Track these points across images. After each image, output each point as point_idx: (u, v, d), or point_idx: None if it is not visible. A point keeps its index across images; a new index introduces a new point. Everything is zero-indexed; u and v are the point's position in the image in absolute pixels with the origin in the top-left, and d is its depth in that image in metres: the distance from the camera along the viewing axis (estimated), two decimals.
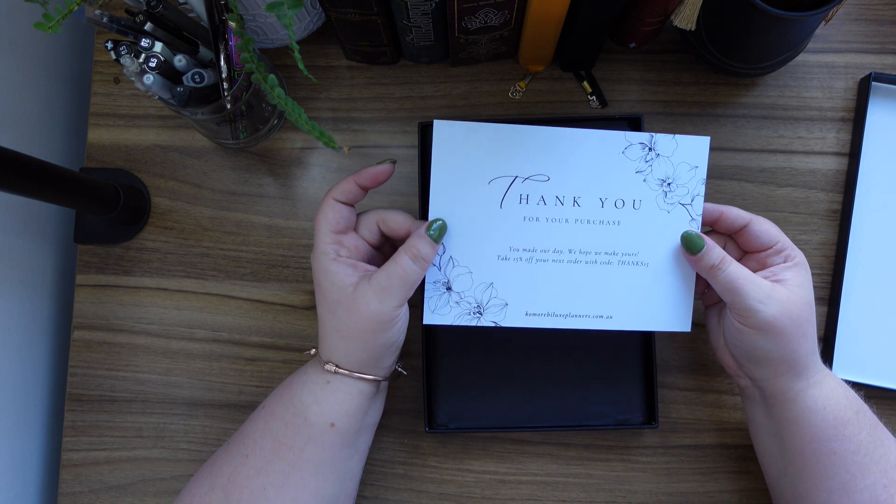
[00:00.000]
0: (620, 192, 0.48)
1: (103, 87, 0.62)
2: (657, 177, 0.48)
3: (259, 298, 0.60)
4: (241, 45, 0.47)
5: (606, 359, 0.56)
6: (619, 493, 0.57)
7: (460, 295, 0.48)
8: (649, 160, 0.48)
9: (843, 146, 0.60)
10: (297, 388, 0.48)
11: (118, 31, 0.48)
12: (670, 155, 0.48)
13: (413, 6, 0.49)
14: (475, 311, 0.48)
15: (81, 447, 0.59)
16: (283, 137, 0.61)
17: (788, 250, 0.47)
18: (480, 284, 0.48)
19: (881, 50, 0.60)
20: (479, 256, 0.48)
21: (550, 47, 0.57)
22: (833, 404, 0.46)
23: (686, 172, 0.49)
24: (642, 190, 0.48)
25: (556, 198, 0.48)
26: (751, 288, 0.45)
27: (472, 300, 0.48)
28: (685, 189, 0.49)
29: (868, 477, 0.45)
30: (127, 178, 0.61)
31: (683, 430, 0.58)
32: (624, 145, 0.48)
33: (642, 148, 0.48)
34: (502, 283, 0.48)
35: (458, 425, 0.56)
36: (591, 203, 0.48)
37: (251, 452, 0.47)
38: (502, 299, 0.48)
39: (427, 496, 0.58)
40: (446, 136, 0.47)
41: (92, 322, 0.60)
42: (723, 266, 0.46)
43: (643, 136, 0.48)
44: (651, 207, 0.49)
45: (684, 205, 0.49)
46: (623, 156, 0.48)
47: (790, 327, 0.45)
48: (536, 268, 0.48)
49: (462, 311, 0.48)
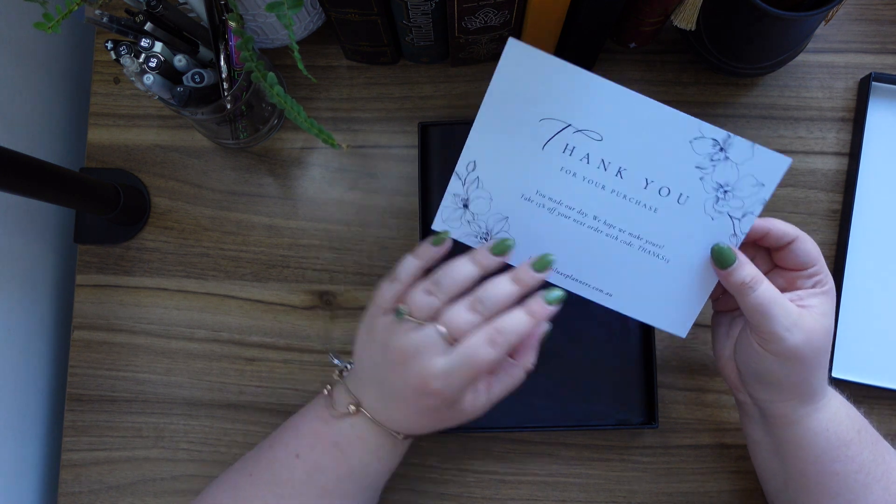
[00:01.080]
0: (671, 180, 0.45)
1: (103, 87, 0.62)
2: (716, 179, 0.44)
3: (259, 298, 0.60)
4: (241, 44, 0.48)
5: (607, 359, 0.56)
6: (619, 493, 0.57)
7: (474, 216, 0.46)
8: (715, 160, 0.44)
9: (843, 146, 0.60)
10: (354, 450, 0.46)
11: (118, 31, 0.48)
12: (741, 162, 0.44)
13: (413, 6, 0.49)
14: (483, 235, 0.47)
15: (81, 447, 0.59)
16: (283, 137, 0.61)
17: (821, 276, 0.45)
18: (496, 214, 0.46)
19: (881, 50, 0.60)
20: (504, 188, 0.46)
21: (550, 47, 0.57)
22: (836, 426, 0.45)
23: (749, 186, 0.44)
24: (694, 187, 0.45)
25: (602, 161, 0.45)
26: (779, 312, 0.42)
27: (483, 225, 0.47)
28: (740, 202, 0.45)
29: (871, 495, 0.44)
30: (127, 178, 0.61)
31: (683, 430, 0.58)
32: (695, 135, 0.44)
33: (713, 145, 0.44)
34: (517, 222, 0.46)
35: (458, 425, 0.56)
36: (635, 180, 0.45)
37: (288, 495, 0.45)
38: (511, 237, 0.46)
39: (427, 496, 0.58)
40: (515, 58, 0.43)
41: (92, 322, 0.60)
42: (754, 285, 0.43)
43: (720, 133, 0.44)
44: (696, 208, 0.45)
45: (733, 217, 0.45)
46: (689, 146, 0.44)
47: (810, 357, 0.43)
48: (555, 220, 0.46)
49: (470, 232, 0.47)
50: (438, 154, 0.57)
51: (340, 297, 0.59)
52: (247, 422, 0.59)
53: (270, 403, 0.59)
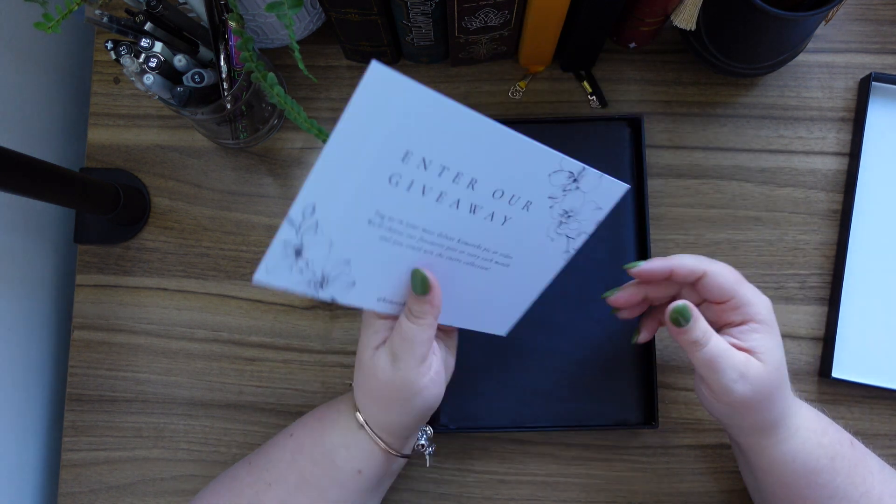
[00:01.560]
0: (519, 207, 0.44)
1: (103, 87, 0.62)
2: (563, 207, 0.45)
3: (259, 298, 0.60)
4: (241, 44, 0.48)
5: (607, 359, 0.56)
6: (619, 493, 0.57)
7: (308, 263, 0.42)
8: (567, 190, 0.44)
9: (843, 146, 0.60)
10: (328, 426, 0.47)
11: (118, 31, 0.48)
12: (588, 191, 0.44)
13: (413, 6, 0.49)
14: (317, 282, 0.42)
15: (81, 447, 0.59)
16: (283, 137, 0.61)
17: (745, 307, 0.44)
18: (336, 259, 0.42)
19: (881, 50, 0.60)
20: (348, 228, 0.41)
21: (550, 47, 0.57)
22: (804, 455, 0.45)
23: (590, 210, 0.45)
24: (542, 214, 0.44)
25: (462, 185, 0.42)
26: (726, 366, 0.42)
27: (319, 272, 0.42)
28: (578, 224, 0.46)
29: None
30: (127, 178, 0.61)
31: (683, 430, 0.58)
32: (554, 168, 0.43)
33: (568, 177, 0.44)
34: (359, 263, 0.43)
35: (458, 425, 0.56)
36: (484, 198, 0.43)
37: (275, 482, 0.46)
38: (352, 278, 0.43)
39: (427, 496, 0.58)
40: (377, 85, 0.36)
41: (92, 322, 0.60)
42: (704, 341, 0.43)
43: (575, 166, 0.43)
44: (541, 231, 0.45)
45: (569, 237, 0.46)
46: (547, 178, 0.43)
47: (760, 402, 0.43)
48: (397, 252, 0.43)
49: (302, 279, 0.42)
50: None
51: None
52: (247, 422, 0.59)
53: (270, 403, 0.59)
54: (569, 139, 0.58)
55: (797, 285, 0.58)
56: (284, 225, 0.41)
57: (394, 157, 0.39)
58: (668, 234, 0.59)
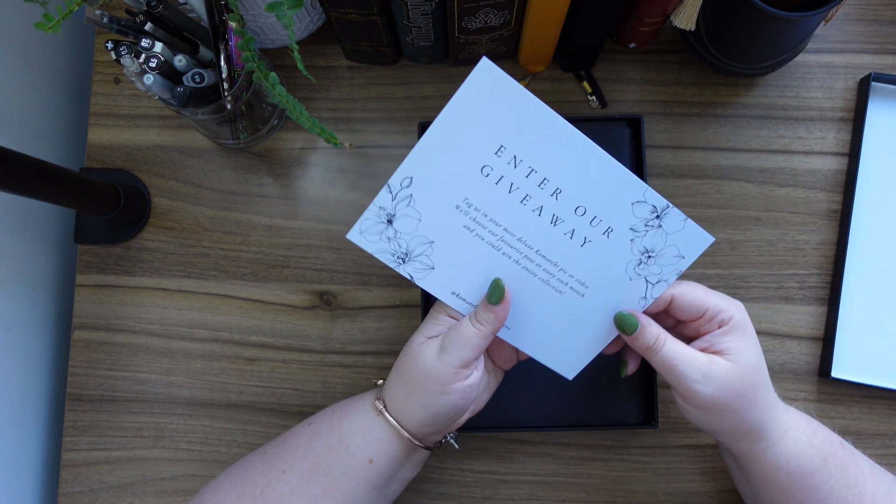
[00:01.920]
0: (604, 232, 0.45)
1: (103, 87, 0.62)
2: (644, 244, 0.45)
3: (259, 298, 0.60)
4: (242, 44, 0.48)
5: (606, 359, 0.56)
6: (619, 493, 0.57)
7: (396, 233, 0.45)
8: (649, 226, 0.45)
9: (842, 146, 0.60)
10: (349, 413, 0.47)
11: (118, 31, 0.48)
12: (671, 233, 0.45)
13: (413, 6, 0.49)
14: (400, 255, 0.45)
15: (81, 447, 0.59)
16: (283, 137, 0.61)
17: (720, 314, 0.44)
18: (421, 237, 0.45)
19: (881, 50, 0.60)
20: (437, 210, 0.44)
21: (550, 47, 0.57)
22: (797, 458, 0.44)
23: (671, 256, 0.45)
24: (623, 248, 0.45)
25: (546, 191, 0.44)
26: (686, 368, 0.43)
27: (404, 245, 0.45)
28: (659, 269, 0.45)
29: None
30: (127, 178, 0.61)
31: (683, 430, 0.58)
32: (637, 198, 0.44)
33: (651, 211, 0.44)
34: (440, 247, 0.45)
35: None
36: (569, 214, 0.44)
37: (289, 469, 0.46)
38: (432, 262, 0.45)
39: (427, 496, 0.58)
40: (483, 80, 0.41)
41: (92, 322, 0.60)
42: (657, 346, 0.43)
43: (660, 202, 0.44)
44: (618, 266, 0.45)
45: (648, 282, 0.46)
46: (630, 207, 0.44)
47: (734, 401, 0.43)
48: (479, 247, 0.45)
49: (388, 249, 0.45)
50: None
51: (340, 297, 0.59)
52: (247, 422, 0.59)
53: (270, 403, 0.59)
54: None
55: (797, 285, 0.58)
56: (383, 191, 0.44)
57: (489, 148, 0.43)
58: None
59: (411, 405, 0.45)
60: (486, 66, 0.40)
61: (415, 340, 0.46)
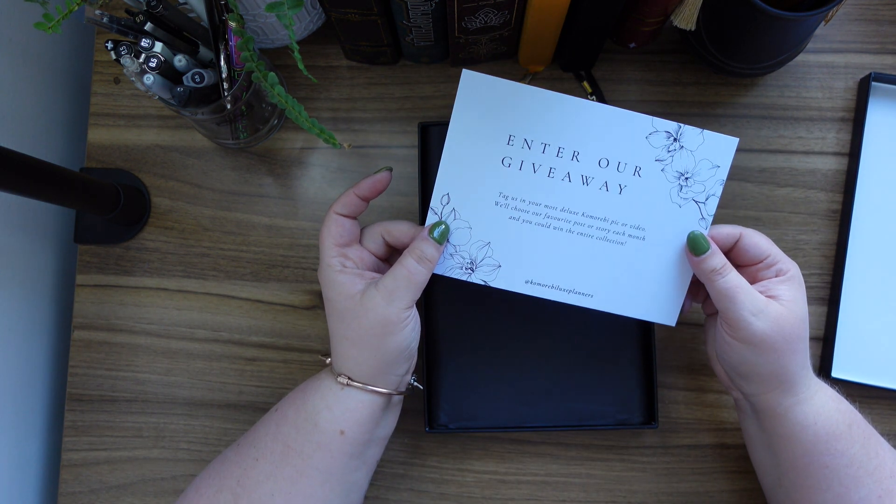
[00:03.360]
0: (634, 174, 0.48)
1: (103, 87, 0.62)
2: (676, 169, 0.47)
3: (259, 298, 0.60)
4: (242, 44, 0.48)
5: (606, 359, 0.56)
6: (619, 493, 0.57)
7: (456, 248, 0.48)
8: (672, 150, 0.47)
9: (843, 146, 0.60)
10: (310, 393, 0.48)
11: (118, 31, 0.48)
12: (694, 149, 0.47)
13: (413, 6, 0.49)
14: (468, 266, 0.48)
15: (81, 447, 0.59)
16: (283, 137, 0.61)
17: (780, 264, 0.46)
18: (478, 242, 0.48)
19: (881, 50, 0.60)
20: (481, 212, 0.48)
21: (550, 47, 0.57)
22: (824, 419, 0.45)
23: (706, 170, 0.47)
24: (657, 179, 0.47)
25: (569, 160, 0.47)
26: (745, 298, 0.44)
27: (467, 255, 0.48)
28: (702, 186, 0.48)
29: (862, 489, 0.45)
30: (127, 178, 0.61)
31: (683, 430, 0.58)
32: (649, 131, 0.47)
33: (667, 137, 0.47)
34: (498, 245, 0.48)
35: (458, 425, 0.56)
36: (600, 169, 0.47)
37: (261, 456, 0.47)
38: (496, 260, 0.48)
39: (427, 496, 0.58)
40: (471, 88, 0.46)
41: (92, 322, 0.60)
42: (723, 272, 0.45)
43: (670, 126, 0.47)
44: (663, 198, 0.48)
45: (697, 202, 0.48)
46: (646, 141, 0.47)
47: (780, 343, 0.44)
48: (533, 231, 0.48)
49: (455, 265, 0.48)
50: (438, 154, 0.57)
51: None
52: (247, 422, 0.59)
53: (270, 403, 0.59)
54: None
55: None
56: (429, 215, 0.48)
57: (500, 141, 0.47)
58: None
59: (370, 359, 0.46)
60: (469, 76, 0.46)
61: (348, 302, 0.46)
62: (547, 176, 0.47)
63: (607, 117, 0.47)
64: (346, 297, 0.46)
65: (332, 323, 0.48)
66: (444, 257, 0.48)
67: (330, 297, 0.47)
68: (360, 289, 0.46)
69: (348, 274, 0.47)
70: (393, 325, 0.45)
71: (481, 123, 0.46)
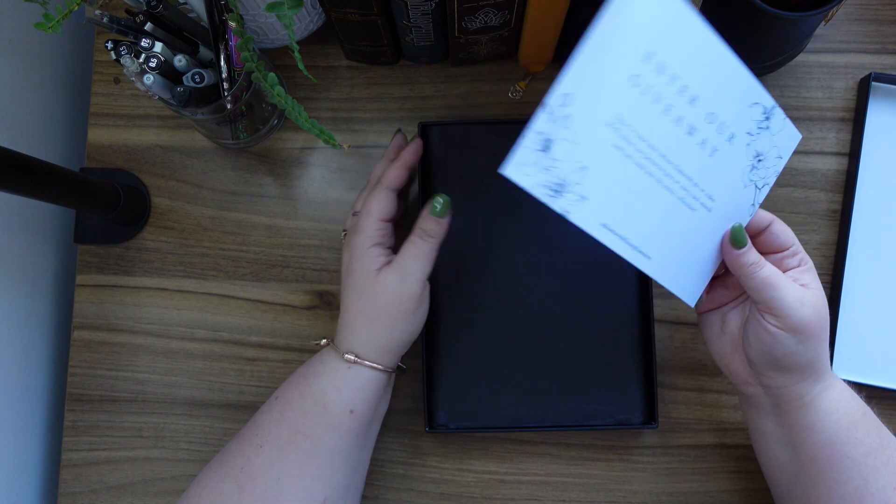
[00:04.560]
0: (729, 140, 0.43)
1: (103, 87, 0.62)
2: (756, 148, 0.44)
3: (259, 298, 0.60)
4: (241, 44, 0.48)
5: (606, 359, 0.56)
6: (619, 493, 0.57)
7: (553, 162, 0.39)
8: (761, 128, 0.44)
9: (843, 146, 0.60)
10: (314, 377, 0.48)
11: (118, 31, 0.48)
12: (775, 133, 0.44)
13: (413, 6, 0.49)
14: (555, 188, 0.40)
15: (81, 447, 0.59)
16: (283, 137, 0.61)
17: (800, 255, 0.46)
18: (576, 163, 0.39)
19: (881, 50, 0.60)
20: (590, 127, 0.40)
21: (550, 47, 0.57)
22: (844, 406, 0.45)
23: (773, 158, 0.45)
24: (741, 154, 0.44)
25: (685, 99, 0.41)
26: (787, 288, 0.44)
27: (559, 175, 0.39)
28: (765, 172, 0.45)
29: (879, 480, 0.45)
30: (127, 178, 0.61)
31: (683, 430, 0.58)
32: (753, 100, 0.43)
33: (762, 112, 0.43)
34: (594, 173, 0.40)
35: (457, 425, 0.56)
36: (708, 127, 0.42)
37: (265, 443, 0.47)
38: (585, 191, 0.40)
39: (427, 496, 0.58)
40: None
41: (92, 322, 0.60)
42: (762, 264, 0.44)
43: (768, 101, 0.43)
44: (739, 174, 0.44)
45: (757, 187, 0.45)
46: (748, 110, 0.43)
47: (819, 330, 0.44)
48: (627, 169, 0.41)
49: (542, 180, 0.39)
50: (439, 154, 0.57)
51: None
52: (247, 422, 0.59)
53: None
54: None
55: None
56: (539, 114, 0.38)
57: (637, 54, 0.39)
58: None
59: (383, 336, 0.48)
60: None
61: (366, 278, 0.48)
62: (662, 112, 0.40)
63: (734, 70, 0.42)
64: (368, 272, 0.48)
65: (349, 298, 0.49)
66: (533, 167, 0.39)
67: (353, 269, 0.48)
68: (378, 267, 0.48)
69: (378, 248, 0.48)
70: (407, 304, 0.47)
71: (631, 24, 0.38)
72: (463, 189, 0.56)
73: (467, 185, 0.56)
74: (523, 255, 0.56)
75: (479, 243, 0.56)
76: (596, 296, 0.56)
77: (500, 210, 0.56)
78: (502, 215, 0.56)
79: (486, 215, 0.56)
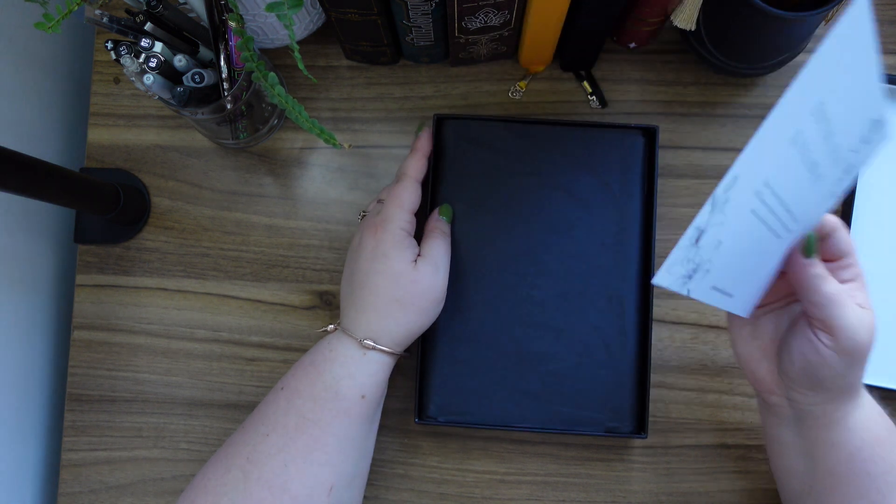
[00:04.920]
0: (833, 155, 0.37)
1: (103, 87, 0.62)
2: (849, 161, 0.38)
3: (259, 298, 0.60)
4: (242, 44, 0.48)
5: (601, 364, 0.56)
6: (619, 493, 0.57)
7: (697, 250, 0.35)
8: (864, 142, 0.38)
9: None
10: (324, 364, 0.48)
11: (118, 31, 0.48)
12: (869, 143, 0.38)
13: (413, 6, 0.49)
14: (690, 273, 0.35)
15: (81, 447, 0.59)
16: (283, 137, 0.61)
17: (856, 266, 0.42)
18: (714, 242, 0.35)
19: (881, 50, 0.60)
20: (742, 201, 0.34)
21: (550, 47, 0.57)
22: (871, 424, 0.44)
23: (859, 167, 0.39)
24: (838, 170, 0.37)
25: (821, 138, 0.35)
26: (851, 307, 0.40)
27: (697, 260, 0.35)
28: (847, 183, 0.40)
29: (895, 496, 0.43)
30: (127, 178, 0.61)
31: (684, 430, 0.58)
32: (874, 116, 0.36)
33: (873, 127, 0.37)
34: (726, 246, 0.35)
35: (447, 419, 0.55)
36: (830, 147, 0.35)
37: (272, 431, 0.47)
38: (710, 264, 0.36)
39: (427, 496, 0.58)
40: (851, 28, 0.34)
41: (92, 322, 0.60)
42: (827, 277, 0.40)
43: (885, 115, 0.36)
44: (828, 190, 0.38)
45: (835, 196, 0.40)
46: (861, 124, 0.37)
47: (867, 354, 0.41)
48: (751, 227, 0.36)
49: (683, 272, 0.35)
50: (452, 148, 0.56)
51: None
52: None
53: None
54: (574, 142, 0.57)
55: None
56: (706, 207, 0.33)
57: (810, 107, 0.33)
58: (669, 235, 0.59)
59: (410, 322, 0.49)
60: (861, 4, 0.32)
61: (404, 267, 0.49)
62: (801, 160, 0.34)
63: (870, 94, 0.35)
64: (405, 261, 0.49)
65: (380, 283, 0.49)
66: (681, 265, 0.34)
67: (390, 256, 0.49)
68: (413, 257, 0.50)
69: (411, 239, 0.51)
70: (438, 294, 0.50)
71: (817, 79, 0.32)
72: (471, 184, 0.56)
73: (476, 180, 0.56)
74: (525, 255, 0.56)
75: (483, 240, 0.56)
76: (595, 301, 0.55)
77: (504, 208, 0.56)
78: (507, 213, 0.56)
79: (490, 212, 0.56)
